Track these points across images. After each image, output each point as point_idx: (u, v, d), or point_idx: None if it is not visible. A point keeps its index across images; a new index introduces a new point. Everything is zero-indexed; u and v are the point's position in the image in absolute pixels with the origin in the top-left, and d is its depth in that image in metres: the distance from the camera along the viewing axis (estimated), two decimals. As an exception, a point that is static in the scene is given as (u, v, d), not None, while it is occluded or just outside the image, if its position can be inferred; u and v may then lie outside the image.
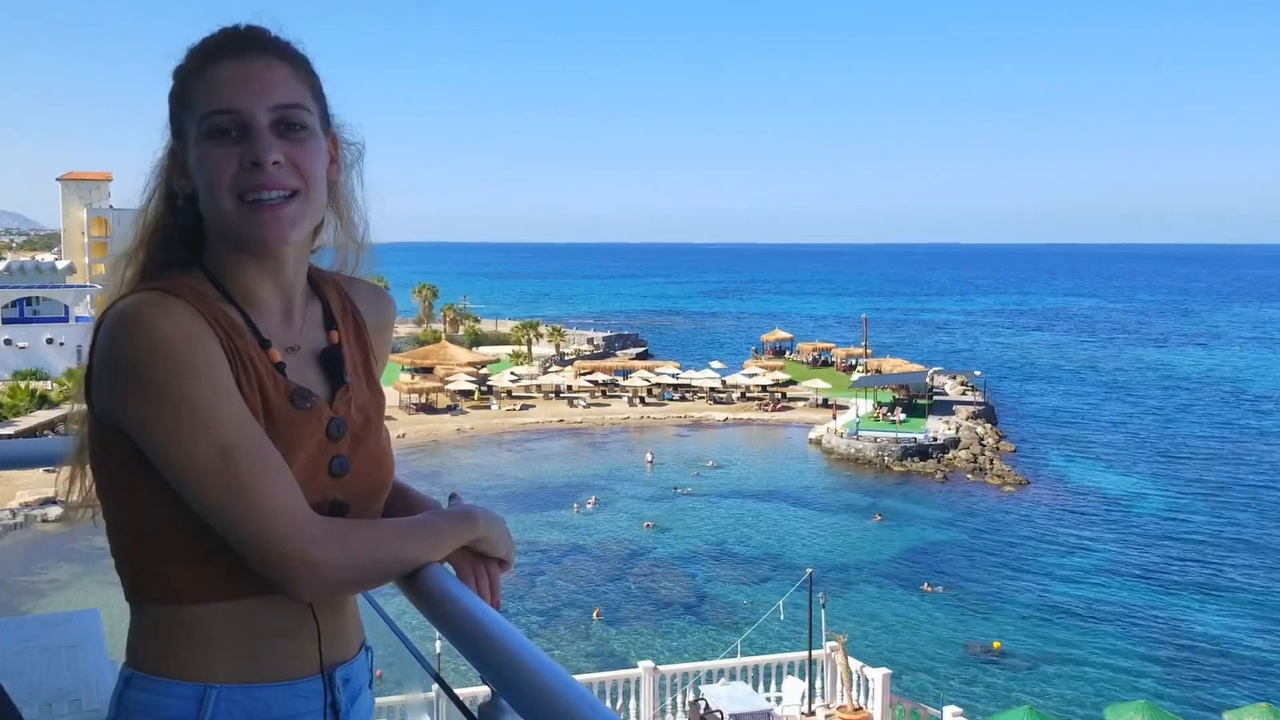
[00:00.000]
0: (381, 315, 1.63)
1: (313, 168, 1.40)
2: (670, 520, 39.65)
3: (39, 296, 61.20)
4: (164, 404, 1.26)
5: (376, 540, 1.35)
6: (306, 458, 1.38)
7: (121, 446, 1.32)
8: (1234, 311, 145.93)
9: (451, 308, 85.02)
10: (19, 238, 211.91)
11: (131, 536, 1.37)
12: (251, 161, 1.34)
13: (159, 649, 1.36)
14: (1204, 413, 64.09)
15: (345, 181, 1.53)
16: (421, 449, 50.76)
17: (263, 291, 1.44)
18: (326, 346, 1.49)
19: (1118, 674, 26.42)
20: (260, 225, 1.36)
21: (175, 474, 1.28)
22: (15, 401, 48.72)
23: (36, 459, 2.50)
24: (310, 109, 1.41)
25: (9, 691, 1.69)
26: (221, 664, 1.35)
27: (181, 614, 1.35)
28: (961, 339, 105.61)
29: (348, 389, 1.47)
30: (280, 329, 1.44)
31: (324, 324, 1.52)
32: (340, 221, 1.55)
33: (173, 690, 1.35)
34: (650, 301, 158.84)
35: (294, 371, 1.42)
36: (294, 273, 1.47)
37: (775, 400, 61.90)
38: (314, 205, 1.41)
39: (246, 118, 1.35)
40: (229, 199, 1.35)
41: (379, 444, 1.49)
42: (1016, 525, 39.63)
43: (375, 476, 1.48)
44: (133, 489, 1.33)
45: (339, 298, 1.57)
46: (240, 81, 1.36)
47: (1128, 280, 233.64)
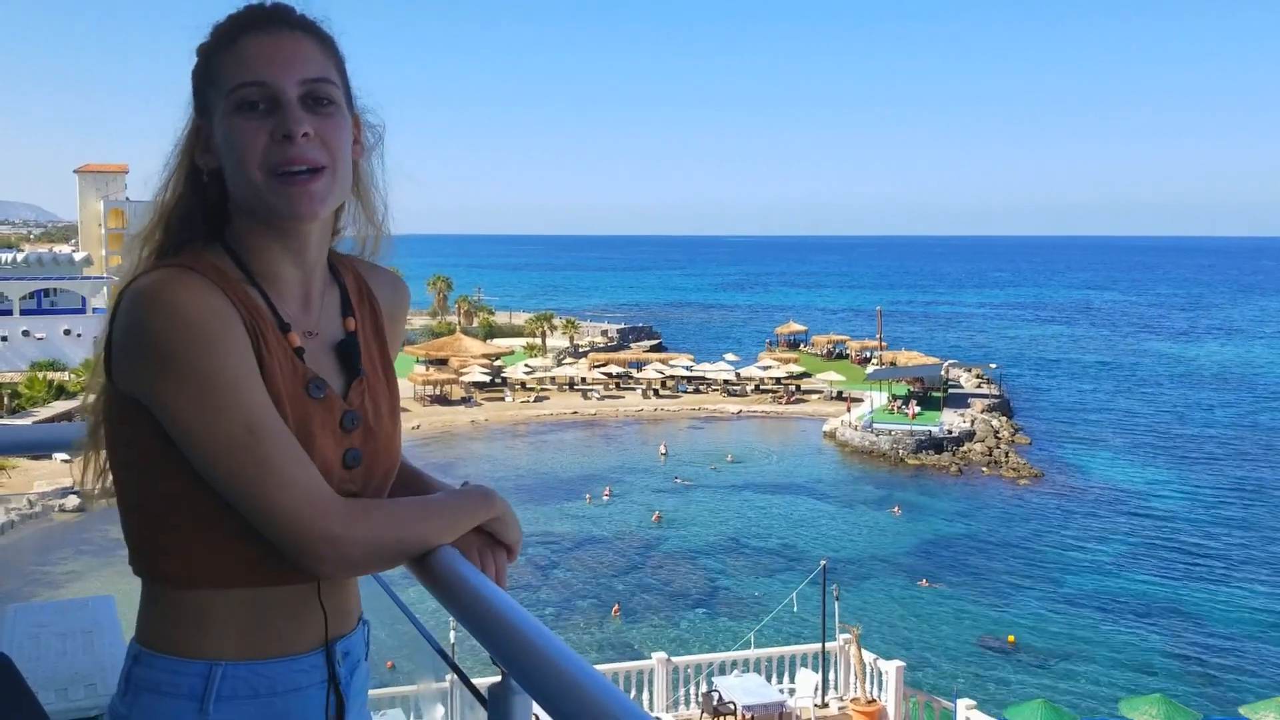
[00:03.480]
0: (398, 303, 1.63)
1: (340, 143, 1.40)
2: (684, 512, 39.67)
3: (56, 288, 61.60)
4: (191, 379, 1.26)
5: (398, 519, 1.37)
6: (320, 449, 1.38)
7: (143, 423, 1.31)
8: (1253, 304, 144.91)
9: (466, 300, 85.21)
10: (36, 229, 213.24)
11: (146, 516, 1.36)
12: (283, 134, 1.34)
13: (168, 628, 1.37)
14: (1221, 406, 63.70)
15: (366, 163, 1.52)
16: (436, 440, 50.92)
17: (284, 272, 1.43)
18: (343, 337, 1.49)
19: (1133, 667, 26.32)
20: (290, 199, 1.35)
21: (200, 450, 1.28)
22: (33, 392, 49.09)
23: (50, 444, 2.51)
24: (337, 85, 1.42)
25: (25, 676, 1.71)
26: (229, 643, 1.36)
27: (193, 597, 1.36)
28: (977, 332, 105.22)
29: (362, 380, 1.47)
30: (299, 312, 1.45)
31: (341, 310, 1.52)
32: (361, 204, 1.54)
33: (180, 668, 1.36)
34: (664, 294, 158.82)
35: (311, 358, 1.42)
36: (316, 253, 1.46)
37: (789, 393, 61.81)
38: (340, 181, 1.41)
39: (276, 91, 1.35)
40: (259, 172, 1.35)
41: (389, 434, 1.50)
42: (1031, 519, 39.50)
43: (384, 465, 1.49)
44: (151, 467, 1.33)
45: (356, 283, 1.57)
46: (270, 55, 1.36)
47: (1144, 273, 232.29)
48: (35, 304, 60.44)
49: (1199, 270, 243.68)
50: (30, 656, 2.48)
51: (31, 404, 48.27)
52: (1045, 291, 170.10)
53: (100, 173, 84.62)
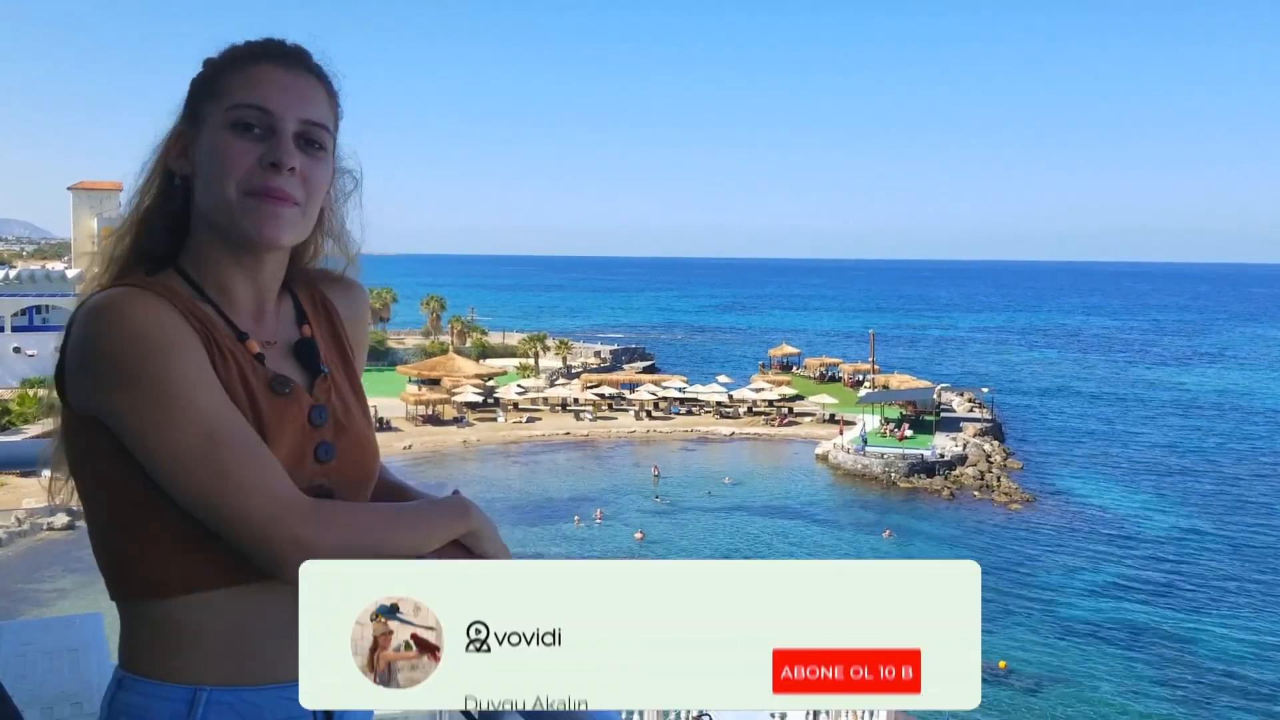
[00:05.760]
0: (355, 307, 1.64)
1: (319, 186, 1.43)
2: (673, 533, 39.57)
3: (48, 305, 61.44)
4: (144, 391, 1.26)
5: (367, 523, 1.32)
6: (291, 444, 1.38)
7: (100, 439, 1.31)
8: (1245, 330, 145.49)
9: (459, 320, 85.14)
10: (29, 246, 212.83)
11: (114, 531, 1.35)
12: (270, 161, 1.37)
13: (148, 650, 1.35)
14: (1214, 432, 63.84)
15: (339, 209, 1.56)
16: (427, 460, 50.78)
17: (237, 288, 1.45)
18: (299, 339, 1.50)
19: (1125, 694, 26.25)
20: (258, 221, 1.37)
21: (158, 462, 1.27)
22: (23, 409, 48.90)
23: (40, 460, 2.51)
24: (331, 134, 1.45)
25: (11, 694, 1.70)
26: (212, 665, 1.34)
27: (168, 609, 1.33)
28: (970, 356, 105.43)
29: (326, 378, 1.48)
30: (253, 324, 1.45)
31: (296, 320, 1.53)
32: (335, 244, 1.58)
33: (162, 693, 1.33)
34: (657, 315, 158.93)
35: (272, 363, 1.43)
36: (270, 275, 1.48)
37: (782, 415, 61.83)
38: (307, 220, 1.44)
39: (276, 119, 1.38)
40: (235, 190, 1.37)
41: (362, 431, 1.50)
42: (1023, 543, 39.47)
43: (361, 464, 1.48)
44: (113, 482, 1.32)
45: (310, 295, 1.58)
46: (280, 86, 1.40)
47: (1135, 298, 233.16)
48: (27, 321, 60.30)
49: (1190, 297, 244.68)
50: (16, 674, 2.47)
51: (22, 420, 48.09)
52: (1037, 316, 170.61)
53: (94, 190, 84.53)
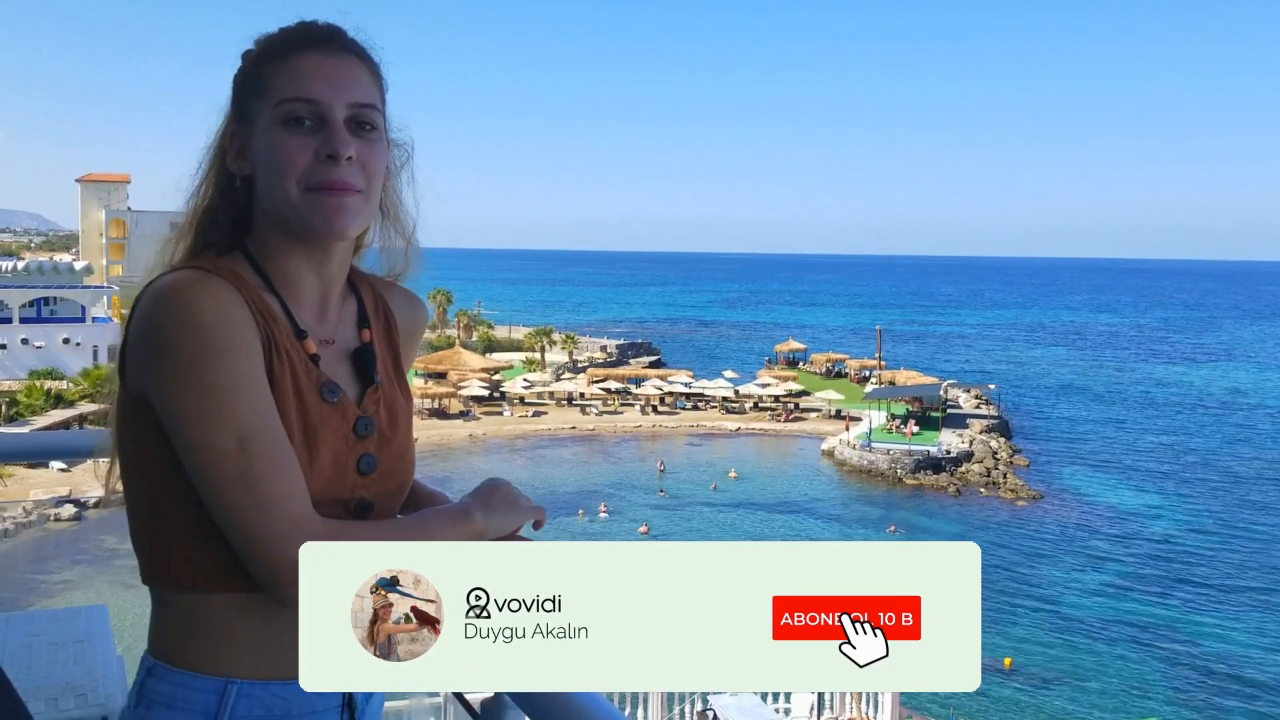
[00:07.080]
0: (414, 321, 1.65)
1: (377, 168, 1.43)
2: (679, 528, 39.59)
3: (56, 297, 61.59)
4: (191, 383, 1.26)
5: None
6: (334, 454, 1.38)
7: (148, 422, 1.31)
8: (1252, 328, 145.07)
9: (465, 314, 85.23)
10: (37, 238, 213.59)
11: (154, 517, 1.36)
12: (327, 154, 1.36)
13: (180, 640, 1.36)
14: (1221, 430, 63.70)
15: (394, 184, 1.55)
16: (434, 454, 50.84)
17: (303, 281, 1.45)
18: (359, 345, 1.50)
19: (1130, 691, 26.23)
20: (325, 215, 1.37)
21: (189, 454, 1.28)
22: (31, 401, 49.06)
23: (46, 452, 2.51)
24: (380, 111, 1.45)
25: (16, 685, 1.69)
26: (242, 658, 1.35)
27: (202, 603, 1.34)
28: (976, 352, 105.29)
29: (377, 389, 1.48)
30: (315, 321, 1.46)
31: (357, 322, 1.53)
32: (389, 223, 1.57)
33: (194, 683, 1.34)
34: (664, 310, 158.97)
35: (326, 365, 1.43)
36: (337, 268, 1.48)
37: (788, 411, 61.81)
38: (372, 205, 1.44)
39: (325, 110, 1.37)
40: (296, 188, 1.36)
41: (405, 444, 1.50)
42: (1029, 540, 39.43)
43: (398, 476, 1.48)
44: (156, 468, 1.33)
45: (374, 298, 1.58)
46: (324, 74, 1.39)
47: (1143, 295, 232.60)
48: (35, 312, 60.43)
49: (1198, 294, 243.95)
50: (22, 666, 2.47)
51: (30, 412, 48.24)
52: (1044, 313, 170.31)
53: (102, 182, 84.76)
